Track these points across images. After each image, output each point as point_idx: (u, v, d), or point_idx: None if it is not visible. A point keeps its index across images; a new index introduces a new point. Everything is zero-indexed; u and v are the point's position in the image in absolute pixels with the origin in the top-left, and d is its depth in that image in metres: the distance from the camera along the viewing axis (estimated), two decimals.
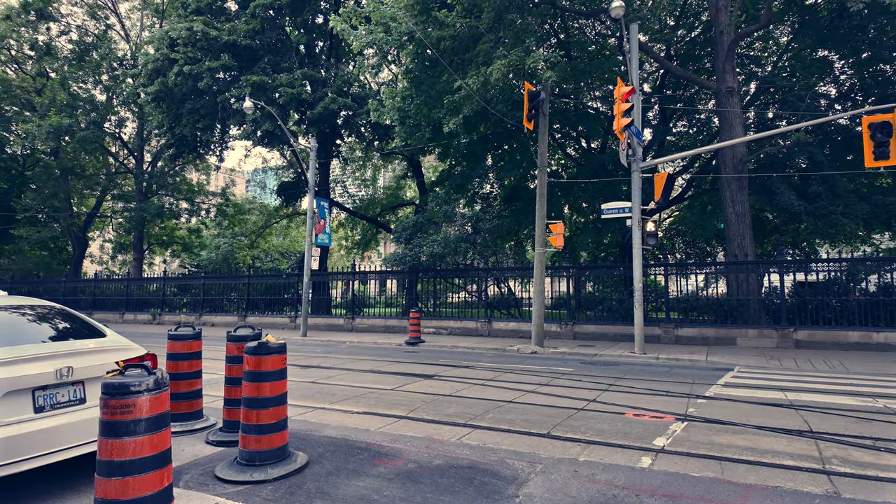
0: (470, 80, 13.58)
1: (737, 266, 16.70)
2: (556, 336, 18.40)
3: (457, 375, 9.66)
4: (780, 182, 20.88)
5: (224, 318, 25.56)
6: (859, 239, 28.58)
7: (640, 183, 14.52)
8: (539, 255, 15.71)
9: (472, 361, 12.24)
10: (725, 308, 16.44)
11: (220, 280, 26.79)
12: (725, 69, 17.94)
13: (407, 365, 11.38)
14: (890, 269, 15.33)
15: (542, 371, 10.56)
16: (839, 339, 14.65)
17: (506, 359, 13.16)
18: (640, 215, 14.37)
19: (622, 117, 12.66)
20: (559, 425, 5.87)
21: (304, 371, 10.25)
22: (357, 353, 14.26)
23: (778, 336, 15.23)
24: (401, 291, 25.16)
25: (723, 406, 7.13)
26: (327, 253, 26.83)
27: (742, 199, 17.68)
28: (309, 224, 19.51)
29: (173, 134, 22.88)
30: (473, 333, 19.63)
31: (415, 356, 13.40)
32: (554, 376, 9.75)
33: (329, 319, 22.93)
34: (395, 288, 25.57)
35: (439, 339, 17.84)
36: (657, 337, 16.67)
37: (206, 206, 34.41)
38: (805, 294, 16.59)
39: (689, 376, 10.17)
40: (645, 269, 18.42)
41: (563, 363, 12.26)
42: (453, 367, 11.10)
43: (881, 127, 12.07)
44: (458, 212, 22.33)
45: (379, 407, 6.79)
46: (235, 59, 20.76)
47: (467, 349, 15.61)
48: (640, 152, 14.62)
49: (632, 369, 11.27)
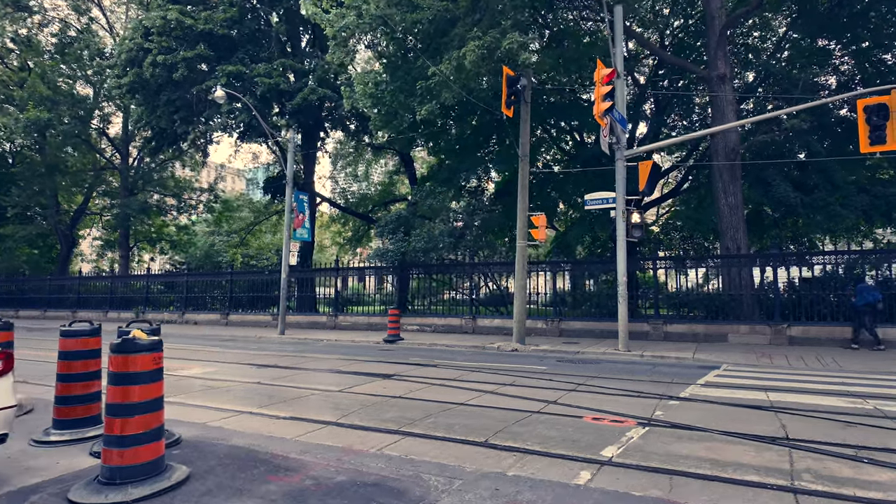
0: (443, 66, 12.91)
1: (728, 260, 16.00)
2: (541, 333, 17.75)
3: (419, 375, 9.02)
4: (775, 174, 20.15)
5: (207, 317, 24.99)
6: (861, 233, 27.82)
7: (624, 172, 13.84)
8: (521, 249, 15.05)
9: (444, 360, 11.60)
10: (717, 303, 15.74)
11: (203, 277, 26.23)
12: (717, 55, 17.22)
13: (372, 364, 10.75)
14: (888, 263, 14.60)
15: (512, 370, 9.91)
16: (835, 336, 13.95)
17: (482, 357, 12.52)
18: (624, 206, 13.70)
19: (602, 101, 11.98)
20: (503, 431, 5.23)
21: (258, 371, 9.63)
22: (328, 351, 13.65)
23: (771, 332, 14.53)
24: (385, 287, 24.54)
25: (695, 408, 6.48)
26: (312, 248, 26.22)
27: (735, 190, 16.97)
28: (287, 218, 18.89)
29: (152, 127, 22.27)
30: (458, 331, 18.99)
31: (386, 355, 12.77)
32: (523, 375, 9.10)
33: (312, 317, 22.33)
34: (388, 285, 24.92)
35: (420, 337, 17.21)
36: (645, 333, 15.99)
37: (194, 203, 33.82)
38: (801, 289, 15.89)
39: (670, 375, 9.51)
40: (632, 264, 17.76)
41: (539, 361, 11.61)
42: (420, 366, 10.47)
43: (877, 110, 11.36)
44: (448, 207, 21.64)
45: (312, 411, 6.16)
46: (212, 49, 20.13)
47: (445, 347, 14.97)
48: (624, 140, 13.94)
49: (611, 367, 10.61)
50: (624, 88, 14.20)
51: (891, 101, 11.32)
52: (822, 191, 19.06)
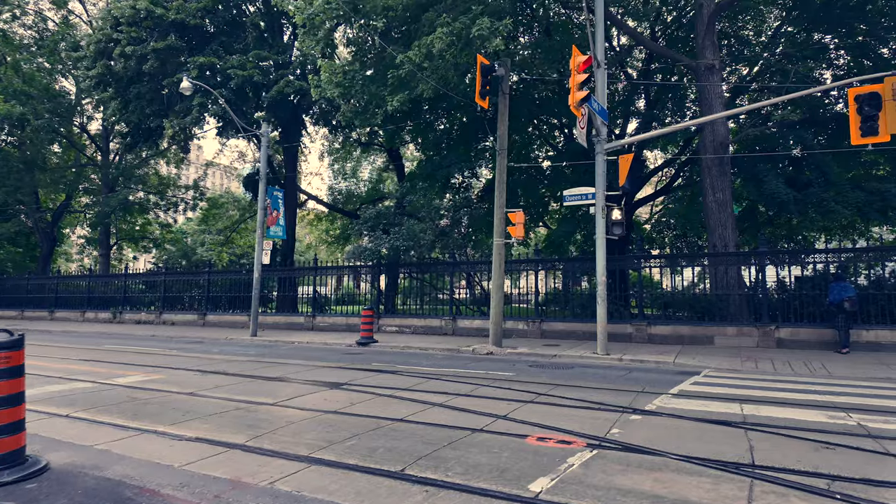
0: (411, 53, 12.22)
1: (716, 258, 15.33)
2: (522, 335, 17.08)
3: (372, 384, 8.35)
4: (767, 170, 19.50)
5: (184, 317, 24.31)
6: (857, 231, 27.17)
7: (604, 167, 13.16)
8: (498, 247, 14.38)
9: (410, 365, 10.94)
10: (703, 304, 15.07)
11: (180, 277, 25.55)
12: (705, 44, 16.53)
13: (328, 371, 10.09)
14: (881, 261, 13.94)
15: (477, 377, 9.25)
16: (825, 338, 13.28)
17: (452, 361, 11.86)
18: (604, 202, 13.02)
19: (577, 90, 11.29)
20: (428, 457, 4.56)
21: (201, 379, 8.96)
22: (291, 356, 12.99)
23: (759, 334, 13.87)
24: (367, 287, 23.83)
25: (658, 425, 5.81)
26: (293, 247, 25.52)
27: (724, 186, 16.29)
28: (260, 215, 18.21)
29: (126, 122, 21.55)
30: (438, 332, 18.33)
31: (352, 359, 12.11)
32: (485, 383, 8.44)
33: (291, 318, 21.67)
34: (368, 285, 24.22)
35: (397, 339, 16.54)
36: (628, 335, 15.33)
37: (175, 200, 33.09)
38: (791, 289, 15.23)
39: (644, 382, 8.85)
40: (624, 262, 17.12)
41: (510, 366, 10.94)
42: (379, 372, 9.80)
43: (868, 99, 10.68)
44: (432, 204, 20.93)
45: (225, 431, 5.49)
46: (185, 40, 19.42)
47: (419, 349, 14.32)
48: (605, 132, 13.25)
49: (583, 373, 9.95)
50: (605, 79, 13.50)
51: (883, 89, 10.64)
52: (816, 187, 18.41)
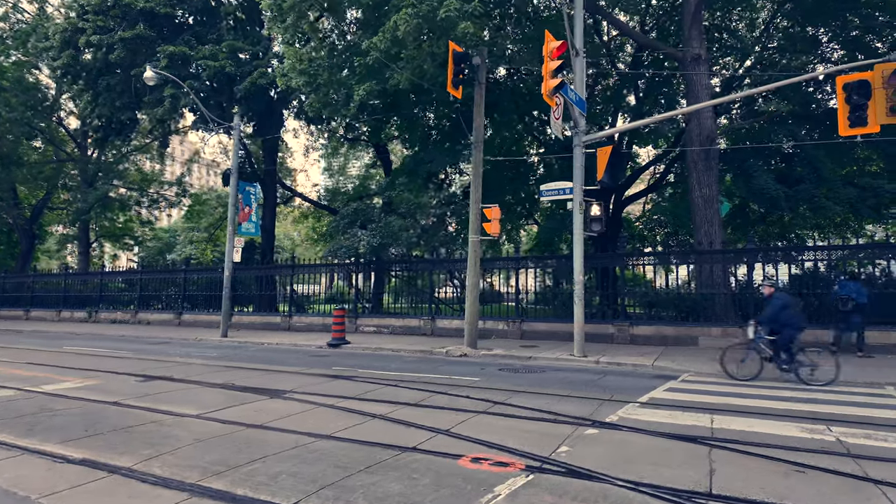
0: (377, 39, 11.56)
1: (701, 256, 14.73)
2: (502, 335, 16.47)
3: (317, 392, 7.73)
4: (757, 165, 18.96)
5: (160, 316, 23.64)
6: (850, 229, 26.65)
7: (582, 160, 12.53)
8: (473, 244, 13.75)
9: (373, 370, 10.31)
10: (687, 303, 14.47)
11: (157, 275, 24.86)
12: (692, 35, 15.92)
13: (281, 376, 9.47)
14: (871, 259, 13.37)
15: (438, 382, 8.63)
16: (813, 339, 12.67)
17: (421, 364, 11.25)
18: (581, 197, 12.40)
19: (550, 78, 10.64)
20: (333, 486, 3.94)
21: (137, 386, 8.32)
22: (252, 359, 12.36)
23: (743, 334, 13.26)
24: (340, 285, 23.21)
25: (614, 441, 5.21)
26: (273, 244, 24.85)
27: (710, 181, 15.68)
28: (231, 211, 17.54)
29: (97, 115, 20.84)
30: (416, 332, 17.70)
31: (314, 363, 11.50)
32: (442, 390, 7.82)
33: (267, 318, 21.03)
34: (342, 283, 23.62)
35: (372, 340, 15.92)
36: (610, 336, 14.74)
37: (156, 197, 32.35)
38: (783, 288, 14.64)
39: (615, 388, 8.25)
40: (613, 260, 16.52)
41: (479, 370, 10.33)
42: (335, 378, 9.19)
43: (857, 87, 10.08)
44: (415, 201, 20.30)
45: (121, 450, 4.86)
46: (154, 30, 18.70)
47: (391, 351, 13.70)
48: (582, 124, 12.62)
49: (553, 378, 9.35)
50: (584, 68, 12.88)
51: (873, 77, 10.05)
52: (808, 183, 17.86)
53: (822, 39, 21.64)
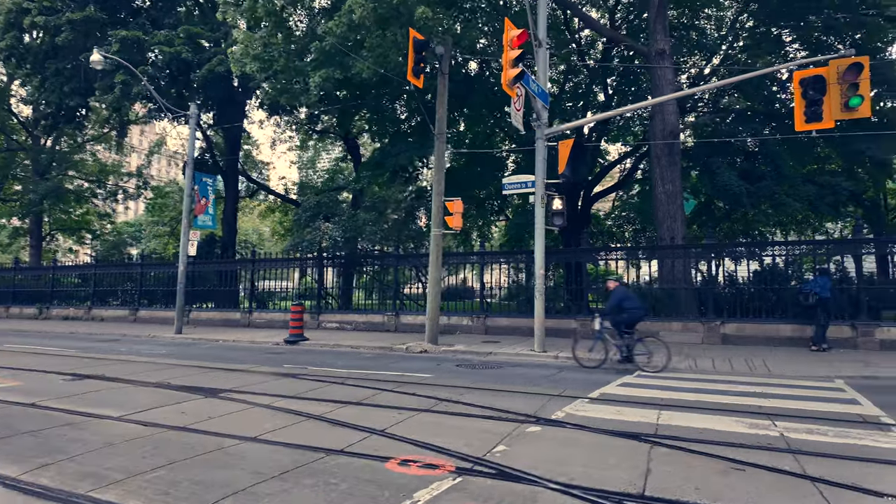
0: (332, 23, 11.13)
1: (662, 251, 14.76)
2: (467, 330, 16.24)
3: (258, 391, 7.35)
4: (720, 162, 19.15)
5: (114, 312, 22.72)
6: (811, 226, 27.28)
7: (544, 153, 12.35)
8: (435, 238, 13.46)
9: (326, 367, 9.96)
10: (649, 298, 14.45)
11: (112, 269, 23.86)
12: (656, 28, 15.91)
13: (225, 374, 9.04)
14: (827, 254, 13.57)
15: (389, 380, 8.33)
16: (770, 334, 12.83)
17: (377, 361, 10.93)
18: (543, 190, 12.22)
19: (511, 67, 10.40)
20: (240, 493, 3.61)
21: (67, 385, 7.80)
22: (202, 356, 11.86)
23: (704, 330, 13.35)
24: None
25: (554, 440, 4.99)
26: (234, 238, 24.07)
27: (673, 177, 15.72)
28: (186, 203, 16.85)
29: (45, 101, 19.78)
30: (380, 328, 17.35)
31: (264, 360, 11.07)
32: (391, 387, 7.52)
33: (227, 314, 20.36)
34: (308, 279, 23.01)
35: (333, 336, 15.51)
36: (573, 331, 14.61)
37: (114, 189, 31.10)
38: (739, 283, 14.81)
39: (568, 383, 8.08)
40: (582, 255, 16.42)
41: (435, 366, 10.07)
42: (282, 377, 8.80)
43: (813, 82, 10.13)
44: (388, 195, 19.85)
45: (20, 457, 4.43)
46: (106, 12, 17.80)
47: (349, 348, 13.34)
48: (545, 116, 12.44)
49: (509, 374, 9.15)
50: (546, 59, 12.69)
51: (828, 73, 10.10)
52: (769, 180, 18.10)
53: (786, 40, 21.99)
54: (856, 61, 9.72)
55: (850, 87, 9.81)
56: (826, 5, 18.40)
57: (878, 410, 6.28)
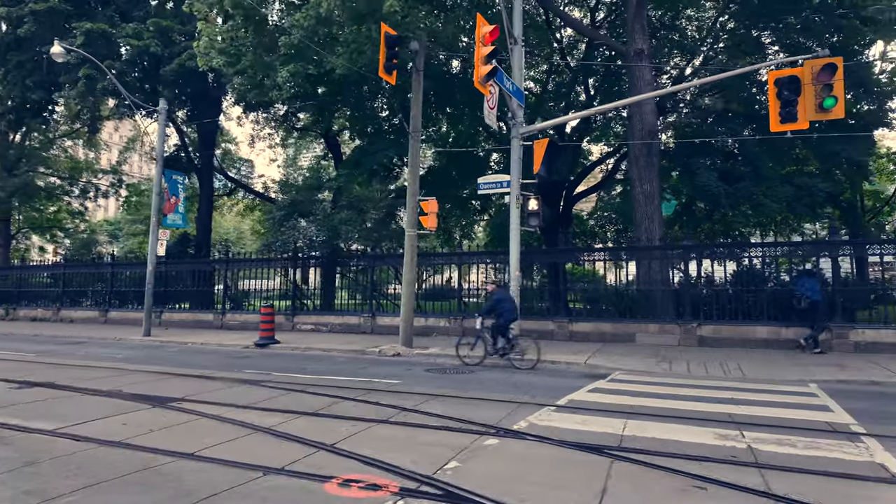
0: (299, 15, 10.77)
1: (640, 252, 14.63)
2: (444, 332, 15.95)
3: (211, 401, 7.00)
4: (700, 163, 19.13)
5: (84, 314, 22.04)
6: (790, 228, 27.48)
7: (520, 152, 12.13)
8: (409, 239, 13.16)
9: (291, 373, 9.61)
10: (626, 300, 14.34)
11: (81, 269, 23.15)
12: (634, 28, 15.79)
13: (181, 381, 8.65)
14: (803, 256, 13.54)
15: (353, 387, 8.03)
16: (747, 336, 12.76)
17: (346, 366, 10.62)
18: (518, 191, 12.00)
19: (483, 64, 10.14)
20: None
21: (8, 394, 7.36)
22: (165, 360, 11.43)
23: (680, 332, 13.24)
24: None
25: (511, 454, 4.74)
26: (209, 237, 23.48)
27: (651, 177, 15.62)
28: (154, 201, 16.35)
29: (8, 95, 19.07)
30: (356, 330, 16.99)
31: (229, 365, 10.69)
32: (353, 395, 7.22)
33: (200, 315, 19.84)
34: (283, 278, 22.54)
35: (306, 339, 15.14)
36: (550, 333, 14.45)
37: (86, 187, 30.25)
38: (717, 285, 14.71)
39: (538, 389, 7.85)
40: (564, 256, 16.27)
41: (405, 371, 9.79)
42: (240, 383, 8.45)
43: (788, 83, 10.03)
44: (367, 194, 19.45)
45: None
46: (71, 4, 17.18)
47: (321, 351, 13.00)
48: (520, 115, 12.21)
49: (479, 378, 8.90)
50: (522, 57, 12.48)
51: (803, 73, 10.01)
52: (748, 181, 18.11)
53: (766, 42, 22.06)
54: (830, 62, 9.64)
55: (825, 88, 9.73)
56: (805, 7, 18.45)
57: (849, 418, 6.14)
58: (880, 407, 6.91)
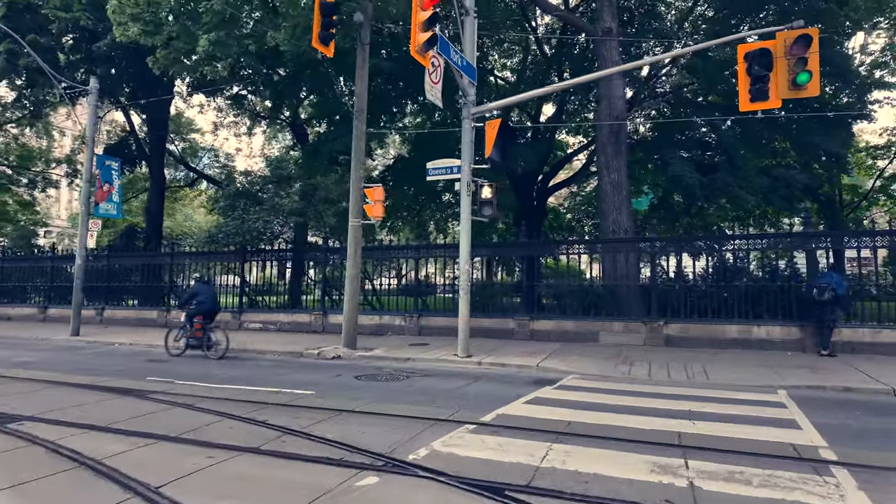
0: None
1: (605, 245, 13.65)
2: (399, 331, 14.87)
3: (65, 420, 5.85)
4: (674, 153, 18.27)
5: (23, 311, 20.55)
6: (769, 223, 26.78)
7: (471, 135, 11.03)
8: (353, 229, 12.02)
9: (200, 381, 8.46)
10: (590, 296, 13.35)
11: (19, 263, 21.59)
12: (603, 6, 14.77)
13: (58, 392, 7.46)
14: (775, 248, 12.67)
15: (254, 399, 6.90)
16: (716, 335, 11.85)
17: (270, 370, 9.49)
18: (470, 176, 10.90)
19: (421, 31, 9.00)
20: None
21: None
22: (68, 365, 10.20)
23: (646, 330, 12.29)
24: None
25: (382, 499, 3.67)
26: (160, 229, 22.02)
27: (619, 166, 14.63)
28: (84, 189, 14.99)
29: None
30: (306, 329, 15.82)
31: (135, 370, 9.50)
32: (246, 411, 6.10)
33: (144, 312, 18.51)
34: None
35: (247, 339, 13.92)
36: (510, 332, 13.44)
37: (33, 177, 28.54)
38: (688, 281, 13.79)
39: (470, 399, 6.81)
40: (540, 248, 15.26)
41: (332, 377, 8.69)
42: (124, 394, 7.27)
43: (758, 57, 9.05)
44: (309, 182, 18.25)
45: None
46: None
47: (256, 353, 11.85)
48: (472, 94, 11.10)
49: (412, 387, 7.83)
50: (475, 30, 11.33)
51: (775, 46, 9.05)
52: (723, 171, 17.28)
53: (744, 30, 21.21)
54: (804, 33, 8.68)
55: (798, 62, 8.77)
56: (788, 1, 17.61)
57: (819, 438, 5.17)
58: (855, 421, 5.98)
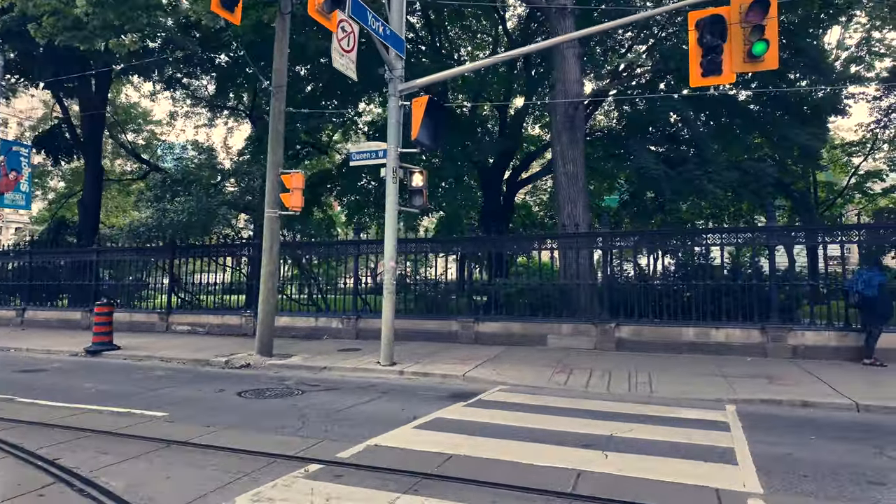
0: None
1: (559, 240, 12.49)
2: (335, 334, 13.58)
3: None
4: (640, 144, 17.28)
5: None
6: (744, 220, 25.96)
7: (398, 114, 9.78)
8: (270, 221, 10.72)
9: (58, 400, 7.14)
10: (539, 295, 12.17)
11: None
12: None
13: None
14: (737, 244, 11.63)
15: (82, 425, 5.62)
16: (671, 338, 10.77)
17: (157, 382, 8.19)
18: (396, 162, 9.67)
19: None
20: None
21: None
22: None
23: (597, 333, 11.18)
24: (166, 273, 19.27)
25: None
26: (96, 224, 20.34)
27: (574, 156, 13.50)
28: None
29: None
30: (236, 332, 14.44)
31: (9, 381, 8.12)
32: (43, 445, 4.82)
33: (68, 314, 17.00)
34: None
35: (161, 343, 12.58)
36: (454, 334, 12.24)
37: None
38: (646, 280, 12.71)
39: (359, 423, 5.59)
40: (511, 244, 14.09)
41: (211, 392, 7.43)
42: None
43: (711, 24, 7.95)
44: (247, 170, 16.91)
45: None
46: None
47: (160, 361, 10.52)
48: (399, 68, 9.85)
49: (294, 407, 6.57)
50: (403, 2, 10.08)
51: (729, 12, 7.96)
52: (691, 164, 16.31)
53: None
54: None
55: (755, 31, 7.69)
56: None
57: (753, 481, 4.04)
58: (806, 451, 4.87)
